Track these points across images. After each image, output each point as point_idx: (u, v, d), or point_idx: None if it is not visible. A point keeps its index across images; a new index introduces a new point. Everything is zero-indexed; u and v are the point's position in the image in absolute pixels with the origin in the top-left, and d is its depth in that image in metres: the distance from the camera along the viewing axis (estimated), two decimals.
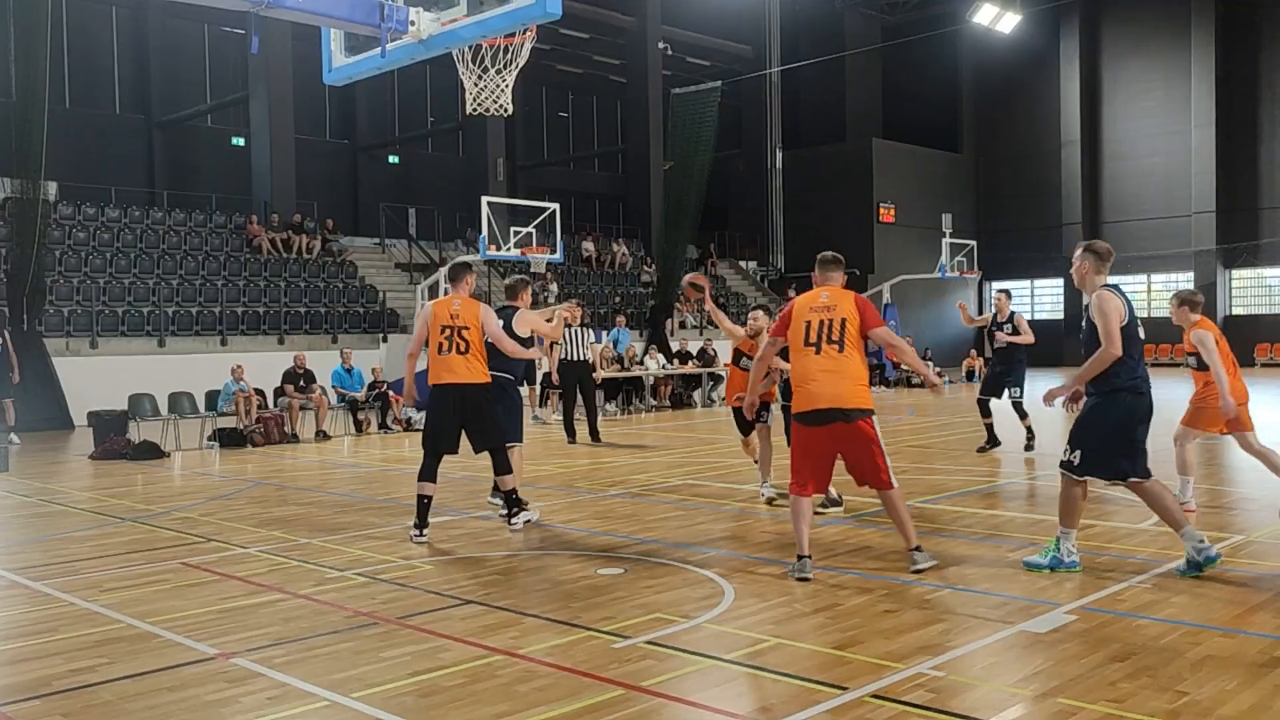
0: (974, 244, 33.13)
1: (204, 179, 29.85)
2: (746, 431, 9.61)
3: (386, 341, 24.59)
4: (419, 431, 17.42)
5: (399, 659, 4.97)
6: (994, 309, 12.80)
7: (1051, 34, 38.42)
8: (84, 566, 7.25)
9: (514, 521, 8.21)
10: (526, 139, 39.09)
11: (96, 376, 19.17)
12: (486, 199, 21.52)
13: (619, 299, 30.64)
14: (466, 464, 10.92)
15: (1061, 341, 38.78)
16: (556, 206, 22.84)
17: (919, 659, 4.80)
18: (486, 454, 8.19)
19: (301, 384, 16.85)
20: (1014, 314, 12.48)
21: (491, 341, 8.24)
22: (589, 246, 33.27)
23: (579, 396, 16.02)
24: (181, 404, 16.24)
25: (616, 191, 40.15)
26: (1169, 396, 9.33)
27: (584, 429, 15.61)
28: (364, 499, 10.21)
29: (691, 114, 29.71)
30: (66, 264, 22.16)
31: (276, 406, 16.78)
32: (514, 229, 21.86)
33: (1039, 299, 41.24)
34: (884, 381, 29.02)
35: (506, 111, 9.25)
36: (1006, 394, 12.42)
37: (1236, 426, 8.02)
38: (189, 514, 9.43)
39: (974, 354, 30.81)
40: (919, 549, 6.58)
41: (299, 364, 17.12)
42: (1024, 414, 12.48)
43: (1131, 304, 6.33)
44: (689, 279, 10.00)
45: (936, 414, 19.12)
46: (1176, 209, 36.17)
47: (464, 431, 8.02)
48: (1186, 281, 35.52)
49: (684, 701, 4.34)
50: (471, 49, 8.77)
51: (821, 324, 6.51)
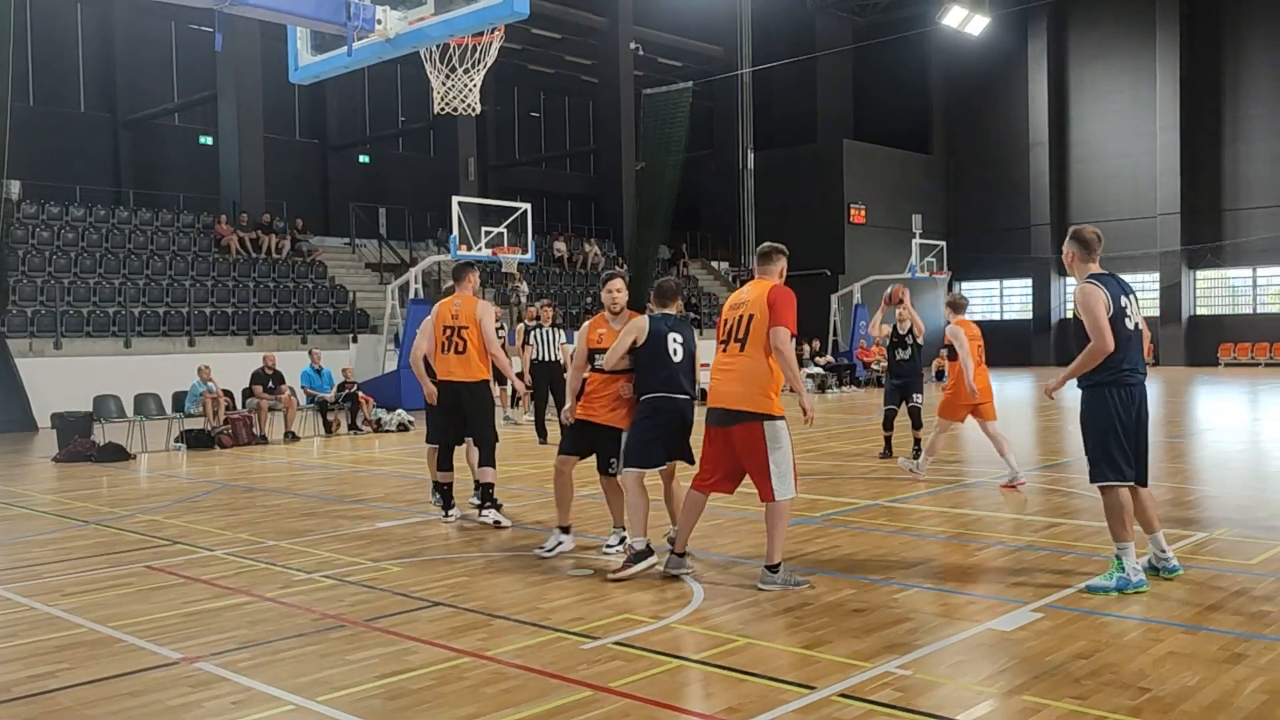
0: (944, 244, 33.40)
1: (171, 178, 29.48)
2: None
3: (356, 342, 24.42)
4: (388, 433, 17.60)
5: (366, 661, 4.94)
6: (895, 321, 12.63)
7: (1020, 36, 38.77)
8: (46, 570, 7.15)
9: (483, 514, 8.47)
10: (498, 139, 39.00)
11: (61, 378, 18.89)
12: (457, 199, 21.45)
13: (591, 299, 30.60)
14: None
15: (1030, 342, 39.24)
16: (528, 206, 22.81)
17: (886, 658, 4.82)
18: (467, 458, 8.78)
19: (270, 385, 16.72)
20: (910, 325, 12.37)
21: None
22: (561, 247, 33.21)
23: (550, 397, 15.98)
24: (148, 405, 16.03)
25: (589, 191, 40.13)
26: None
27: (555, 429, 15.53)
28: (333, 500, 10.14)
29: (663, 114, 29.76)
30: (30, 263, 21.86)
31: (245, 407, 16.62)
32: (485, 229, 21.82)
33: (1008, 299, 41.59)
34: (854, 381, 29.02)
35: (475, 111, 9.29)
36: (904, 404, 12.37)
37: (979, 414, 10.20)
38: (154, 516, 9.32)
39: (943, 354, 30.93)
40: (776, 568, 6.08)
41: (268, 365, 16.99)
42: (919, 424, 12.37)
43: (1122, 291, 5.97)
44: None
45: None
46: (1142, 210, 36.56)
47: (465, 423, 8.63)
48: (1153, 283, 35.93)
49: (652, 702, 4.33)
50: (439, 48, 8.76)
51: (735, 320, 6.21)
